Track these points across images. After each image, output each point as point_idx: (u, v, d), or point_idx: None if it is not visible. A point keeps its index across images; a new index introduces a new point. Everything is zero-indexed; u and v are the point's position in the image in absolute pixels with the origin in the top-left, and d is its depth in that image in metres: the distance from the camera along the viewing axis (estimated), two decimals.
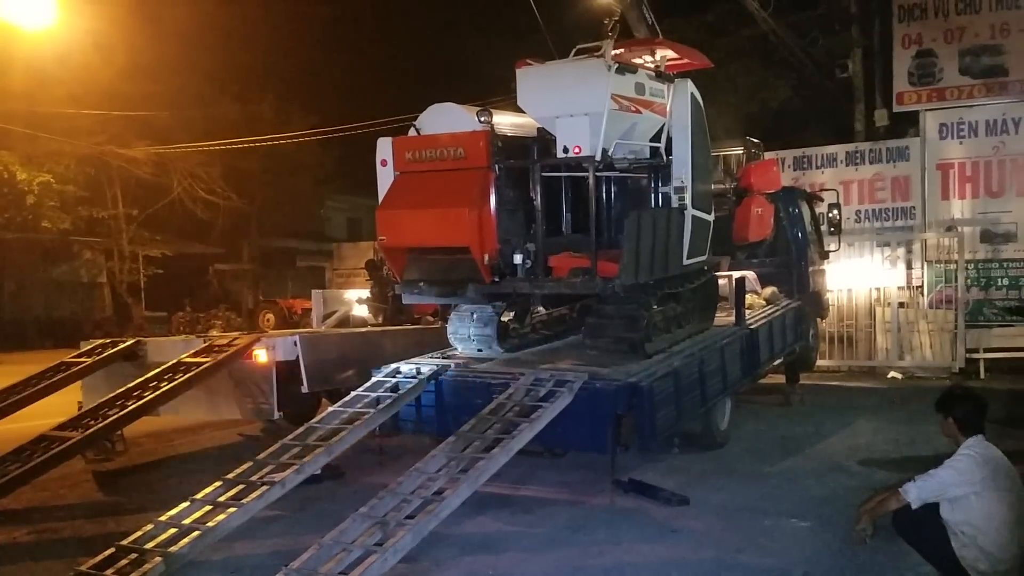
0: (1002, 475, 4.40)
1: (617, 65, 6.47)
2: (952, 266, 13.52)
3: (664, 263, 6.96)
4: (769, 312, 9.48)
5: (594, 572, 5.21)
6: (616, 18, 7.45)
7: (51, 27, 16.48)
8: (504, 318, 7.81)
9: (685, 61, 7.77)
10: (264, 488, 5.43)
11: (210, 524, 5.13)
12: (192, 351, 8.10)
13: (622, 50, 7.14)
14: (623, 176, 7.43)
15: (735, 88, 18.22)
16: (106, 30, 20.54)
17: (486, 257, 6.59)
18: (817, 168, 15.52)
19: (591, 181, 6.55)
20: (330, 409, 6.73)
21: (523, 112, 6.93)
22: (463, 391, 6.86)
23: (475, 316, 7.51)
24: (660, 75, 7.17)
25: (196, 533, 5.03)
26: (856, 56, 16.26)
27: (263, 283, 31.52)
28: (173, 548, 4.91)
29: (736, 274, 9.28)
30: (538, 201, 6.72)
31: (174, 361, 7.88)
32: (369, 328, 12.77)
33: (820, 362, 12.71)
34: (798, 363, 10.96)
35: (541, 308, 8.57)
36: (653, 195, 7.45)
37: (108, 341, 9.03)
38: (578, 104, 6.41)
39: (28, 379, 8.24)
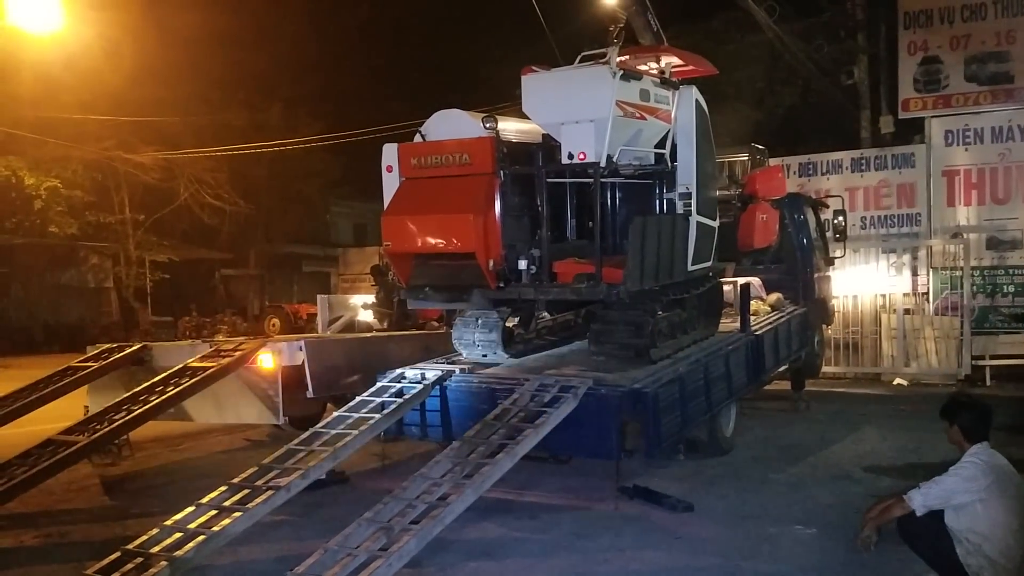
0: (1007, 482, 4.40)
1: (622, 72, 6.48)
2: (958, 273, 13.50)
3: (669, 269, 6.96)
4: (774, 318, 9.47)
5: None
6: (621, 25, 7.47)
7: (59, 32, 16.58)
8: (509, 324, 7.82)
9: (690, 68, 7.78)
10: (269, 493, 5.44)
11: (215, 529, 5.13)
12: (198, 356, 8.12)
13: (627, 57, 7.14)
14: (628, 182, 7.44)
15: (740, 95, 18.24)
16: (114, 36, 20.67)
17: (491, 263, 6.60)
18: (822, 174, 15.53)
19: (596, 187, 6.56)
20: (335, 414, 6.74)
21: (528, 118, 6.94)
22: (468, 396, 6.86)
23: (480, 322, 7.52)
24: (665, 82, 7.18)
25: (201, 537, 5.04)
26: (862, 63, 16.27)
27: (269, 288, 31.59)
28: (178, 552, 4.91)
29: (741, 280, 9.27)
30: (543, 207, 6.72)
31: (180, 366, 7.90)
32: (374, 333, 12.80)
33: (825, 369, 12.68)
34: (803, 370, 10.93)
35: (546, 314, 8.58)
36: (658, 201, 7.45)
37: (115, 346, 9.06)
38: (583, 110, 6.42)
39: (35, 383, 8.26)
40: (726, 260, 8.75)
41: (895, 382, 13.08)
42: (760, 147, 10.77)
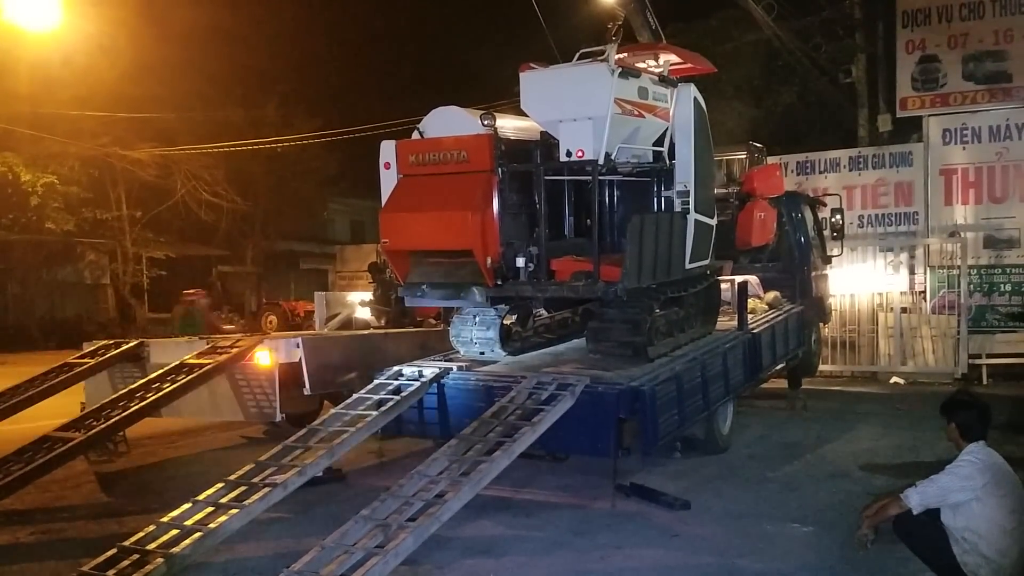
0: (1004, 481, 4.40)
1: (620, 69, 6.48)
2: (955, 271, 13.51)
3: (667, 267, 6.96)
4: (771, 317, 9.47)
5: None
6: (620, 23, 7.44)
7: (56, 29, 16.55)
8: (507, 321, 7.82)
9: (688, 66, 7.78)
10: (266, 490, 5.43)
11: (212, 525, 5.13)
12: (195, 353, 8.10)
13: (625, 54, 7.14)
14: (626, 180, 7.43)
15: (738, 93, 18.24)
16: (111, 32, 20.64)
17: (489, 260, 6.59)
18: (820, 173, 15.54)
19: (594, 185, 6.56)
20: (332, 411, 6.73)
21: (526, 116, 6.93)
22: (465, 394, 6.86)
23: (477, 319, 7.51)
24: (663, 79, 7.18)
25: (198, 534, 5.03)
26: (860, 61, 16.26)
27: (266, 285, 31.54)
28: (175, 549, 4.91)
29: (739, 278, 9.28)
30: (541, 205, 6.71)
31: (177, 362, 7.89)
32: (372, 330, 12.78)
33: (822, 367, 12.70)
34: (800, 368, 10.95)
35: (544, 311, 8.57)
36: (656, 199, 7.46)
37: (111, 342, 9.04)
38: (581, 108, 6.42)
39: (31, 380, 8.25)
40: (724, 258, 8.77)
41: (892, 381, 13.10)
42: (758, 145, 10.79)
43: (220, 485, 5.59)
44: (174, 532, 5.11)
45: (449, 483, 5.22)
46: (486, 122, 6.62)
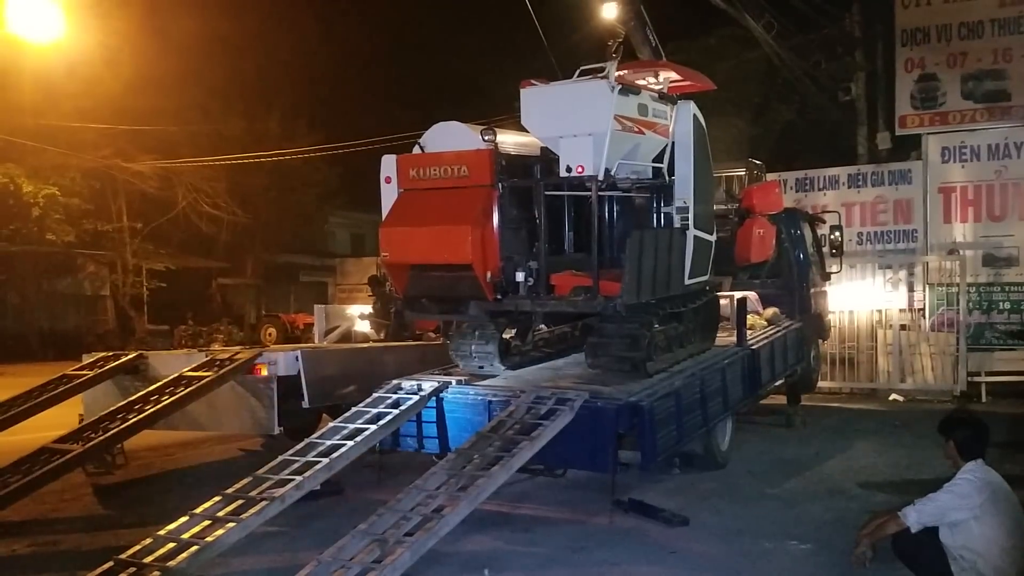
0: (1002, 500, 4.40)
1: (620, 86, 6.52)
2: (954, 289, 13.49)
3: (666, 283, 6.98)
4: (770, 333, 9.47)
5: None
6: (620, 40, 7.51)
7: (59, 40, 16.61)
8: (506, 336, 7.82)
9: (688, 83, 7.83)
10: (263, 503, 5.42)
11: (209, 539, 5.11)
12: (194, 365, 8.10)
13: (626, 71, 7.19)
14: (626, 196, 7.46)
15: (738, 110, 18.32)
16: (114, 44, 20.75)
17: (488, 275, 6.61)
18: (819, 190, 15.58)
19: (594, 200, 6.58)
20: (331, 425, 6.73)
21: (527, 131, 6.97)
22: (464, 408, 6.86)
23: (477, 333, 7.52)
24: (663, 97, 7.22)
25: (194, 548, 5.02)
26: (859, 79, 16.35)
27: (266, 298, 31.55)
28: (171, 563, 4.89)
29: (738, 295, 9.29)
30: (541, 220, 6.74)
31: (176, 375, 7.89)
32: (371, 344, 12.78)
33: (821, 384, 12.68)
34: (799, 384, 10.93)
35: (543, 326, 8.58)
36: (655, 215, 7.49)
37: (110, 354, 9.04)
38: (581, 124, 6.45)
39: (30, 391, 8.24)
40: (723, 274, 8.78)
41: (891, 398, 13.06)
42: (757, 162, 10.84)
43: (217, 498, 5.58)
44: (171, 545, 5.10)
45: (447, 498, 5.22)
46: (487, 137, 6.66)
